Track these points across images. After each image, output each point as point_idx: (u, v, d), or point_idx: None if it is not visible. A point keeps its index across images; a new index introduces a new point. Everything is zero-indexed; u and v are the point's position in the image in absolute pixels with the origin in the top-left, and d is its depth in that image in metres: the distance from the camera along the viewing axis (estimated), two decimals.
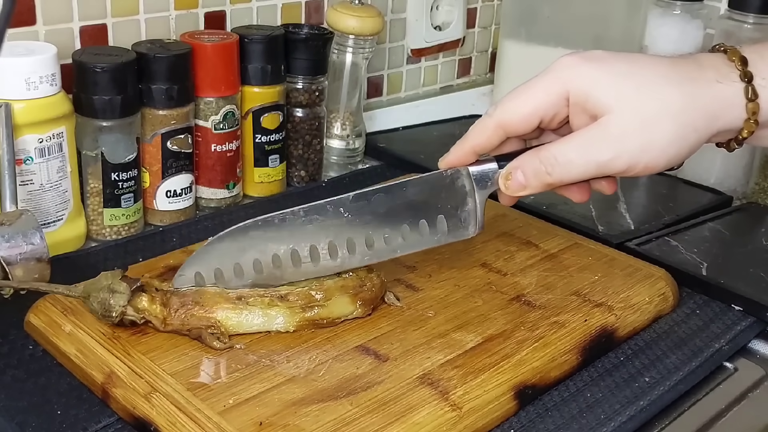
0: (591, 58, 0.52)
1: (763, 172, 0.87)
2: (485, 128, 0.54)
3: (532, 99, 0.53)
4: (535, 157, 0.53)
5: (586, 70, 0.51)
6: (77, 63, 0.70)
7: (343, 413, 0.50)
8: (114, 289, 0.55)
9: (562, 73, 0.52)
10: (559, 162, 0.52)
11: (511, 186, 0.55)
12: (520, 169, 0.54)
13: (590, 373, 0.58)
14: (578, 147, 0.52)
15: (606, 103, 0.51)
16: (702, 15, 0.92)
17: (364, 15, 0.88)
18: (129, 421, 0.51)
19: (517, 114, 0.53)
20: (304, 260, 0.57)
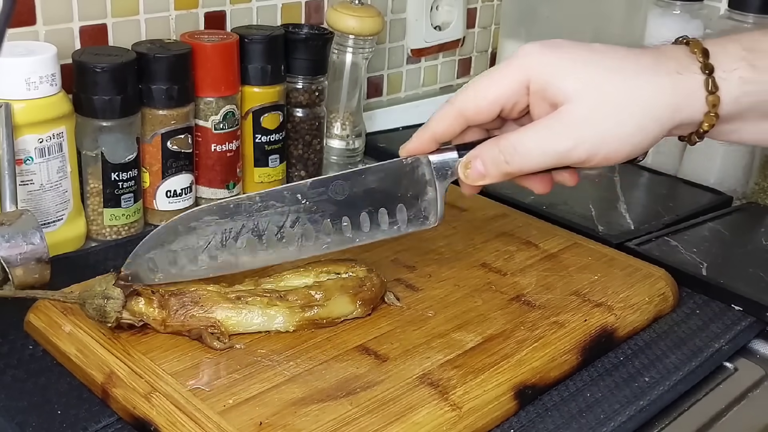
0: (552, 46, 0.52)
1: (763, 172, 0.87)
2: (446, 116, 0.54)
3: (493, 87, 0.52)
4: (494, 146, 0.53)
5: (547, 58, 0.51)
6: (77, 63, 0.70)
7: (343, 413, 0.50)
8: (108, 295, 0.55)
9: (523, 61, 0.51)
10: (518, 151, 0.52)
11: (471, 175, 0.55)
12: (480, 158, 0.54)
13: (590, 373, 0.58)
14: (537, 136, 0.51)
15: (565, 91, 0.50)
16: (702, 15, 0.92)
17: (364, 15, 0.88)
18: (129, 421, 0.51)
19: (477, 102, 0.53)
20: (260, 247, 0.57)
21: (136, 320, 0.56)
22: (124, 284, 0.56)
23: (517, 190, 0.87)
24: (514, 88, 0.52)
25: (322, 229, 0.57)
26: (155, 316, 0.55)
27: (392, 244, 0.71)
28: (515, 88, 0.52)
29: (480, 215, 0.78)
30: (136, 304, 0.55)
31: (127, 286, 0.55)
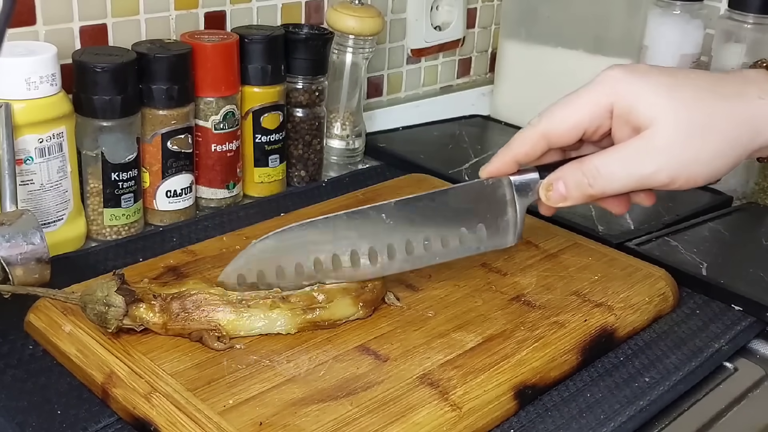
0: (635, 71, 0.52)
1: (763, 172, 0.87)
2: (529, 138, 0.55)
3: (578, 111, 0.53)
4: (577, 168, 0.53)
5: (631, 83, 0.52)
6: (77, 63, 0.70)
7: (343, 413, 0.50)
8: (110, 302, 0.55)
9: (607, 86, 0.52)
10: (602, 174, 0.52)
11: (552, 197, 0.55)
12: (562, 180, 0.54)
13: (590, 373, 0.58)
14: (621, 159, 0.52)
15: (649, 116, 0.51)
16: (702, 15, 0.92)
17: (364, 15, 0.88)
18: (129, 421, 0.51)
19: (563, 125, 0.53)
20: (344, 264, 0.58)
21: (136, 325, 0.56)
22: (126, 291, 0.55)
23: None
24: (599, 112, 0.52)
25: (404, 248, 0.58)
26: (156, 320, 0.55)
27: None
28: (599, 112, 0.52)
29: None
30: (137, 310, 0.55)
31: (128, 293, 0.55)
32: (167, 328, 0.56)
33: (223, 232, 0.73)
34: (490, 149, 1.01)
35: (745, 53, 0.88)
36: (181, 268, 0.66)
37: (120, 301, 0.55)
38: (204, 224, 0.77)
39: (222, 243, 0.70)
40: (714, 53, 0.91)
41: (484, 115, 1.13)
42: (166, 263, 0.66)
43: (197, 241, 0.71)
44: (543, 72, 1.06)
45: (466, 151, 0.98)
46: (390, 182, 0.85)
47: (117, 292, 0.55)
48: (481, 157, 0.96)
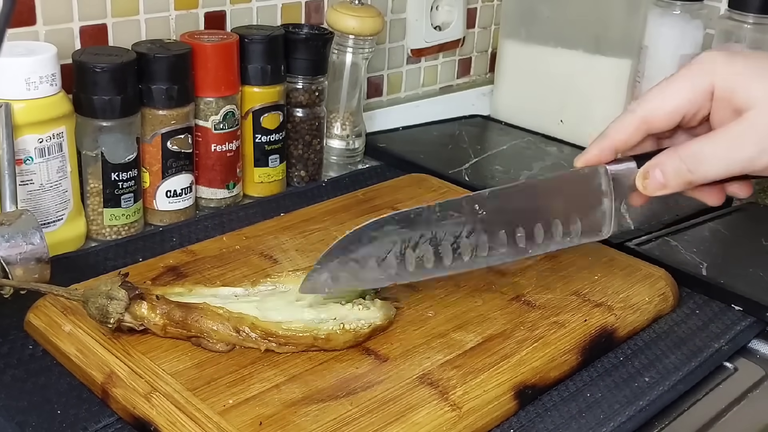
0: (735, 54, 0.51)
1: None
2: (628, 125, 0.53)
3: (678, 93, 0.51)
4: (675, 155, 0.52)
5: (732, 65, 0.50)
6: (77, 63, 0.70)
7: (343, 413, 0.50)
8: (112, 295, 0.55)
9: (707, 67, 0.51)
10: (701, 160, 0.51)
11: (650, 185, 0.53)
12: (659, 168, 0.53)
13: (590, 373, 0.58)
14: (722, 143, 0.50)
15: (752, 96, 0.49)
16: (702, 15, 0.92)
17: (364, 15, 0.88)
18: (129, 421, 0.51)
19: (663, 109, 0.52)
20: (435, 257, 0.56)
21: (136, 324, 0.55)
22: (131, 286, 0.55)
23: None
24: (700, 94, 0.51)
25: (497, 240, 0.56)
26: (156, 321, 0.55)
27: None
28: (700, 95, 0.51)
29: None
30: (139, 307, 0.55)
31: (132, 289, 0.55)
32: (166, 331, 0.56)
33: (223, 232, 0.73)
34: (490, 149, 1.01)
35: None
36: (180, 268, 0.66)
37: (123, 295, 0.55)
38: (204, 224, 0.77)
39: (222, 243, 0.70)
40: None
41: (484, 115, 1.13)
42: (166, 263, 0.66)
43: (197, 241, 0.71)
44: (543, 72, 1.06)
45: (466, 151, 0.98)
46: (390, 182, 0.85)
47: (121, 286, 0.55)
48: (481, 157, 0.96)
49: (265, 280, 0.61)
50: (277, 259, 0.68)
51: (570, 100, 1.03)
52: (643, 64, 0.94)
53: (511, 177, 0.91)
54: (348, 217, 0.76)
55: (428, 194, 0.82)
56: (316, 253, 0.68)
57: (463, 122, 1.09)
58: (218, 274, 0.65)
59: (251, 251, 0.69)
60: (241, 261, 0.67)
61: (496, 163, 0.96)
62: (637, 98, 0.55)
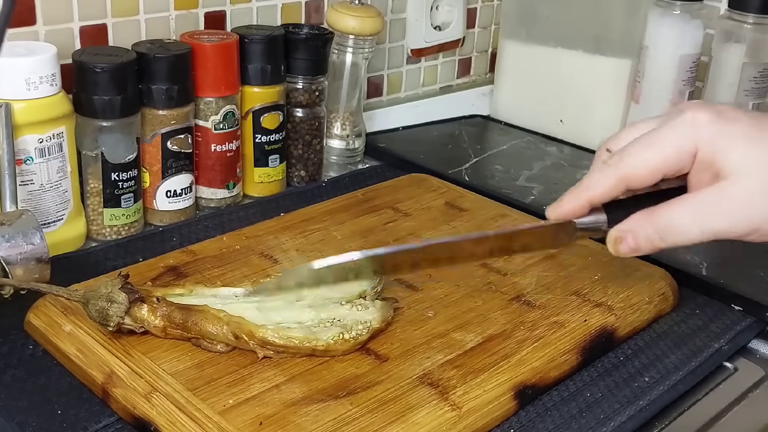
0: (723, 116, 0.50)
1: None
2: (606, 181, 0.51)
3: (660, 153, 0.50)
4: (647, 222, 0.51)
5: (719, 129, 0.49)
6: (77, 63, 0.70)
7: (343, 413, 0.50)
8: (112, 299, 0.55)
9: (692, 129, 0.49)
10: (674, 229, 0.50)
11: (622, 250, 0.52)
12: (632, 234, 0.52)
13: (590, 373, 0.58)
14: (695, 213, 0.49)
15: (731, 166, 0.48)
16: (702, 15, 0.92)
17: (364, 15, 0.88)
18: (129, 421, 0.51)
19: (644, 169, 0.50)
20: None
21: (137, 326, 0.55)
22: (130, 289, 0.55)
23: (517, 189, 0.87)
24: (682, 155, 0.50)
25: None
26: (157, 324, 0.55)
27: (392, 245, 0.71)
28: (683, 156, 0.50)
29: (480, 215, 0.78)
30: (139, 310, 0.55)
31: (132, 292, 0.55)
32: (166, 332, 0.56)
33: (223, 232, 0.73)
34: (490, 149, 1.01)
35: (745, 53, 0.88)
36: (181, 268, 0.66)
37: (123, 298, 0.55)
38: (204, 224, 0.77)
39: (222, 243, 0.70)
40: (714, 53, 0.91)
41: (484, 115, 1.13)
42: (166, 263, 0.66)
43: (197, 241, 0.71)
44: (543, 72, 1.06)
45: (466, 151, 0.98)
46: (390, 182, 0.85)
47: (121, 289, 0.55)
48: (481, 157, 0.96)
49: (265, 280, 0.61)
50: (277, 259, 0.68)
51: (570, 100, 1.03)
52: (643, 64, 0.94)
53: (511, 177, 0.91)
54: (348, 217, 0.76)
55: (428, 194, 0.82)
56: (316, 253, 0.69)
57: (463, 122, 1.09)
58: (218, 274, 0.65)
59: (251, 251, 0.69)
60: (241, 261, 0.67)
61: (496, 163, 0.96)
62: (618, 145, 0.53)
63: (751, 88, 0.89)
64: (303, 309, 0.58)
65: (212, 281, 0.63)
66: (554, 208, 0.54)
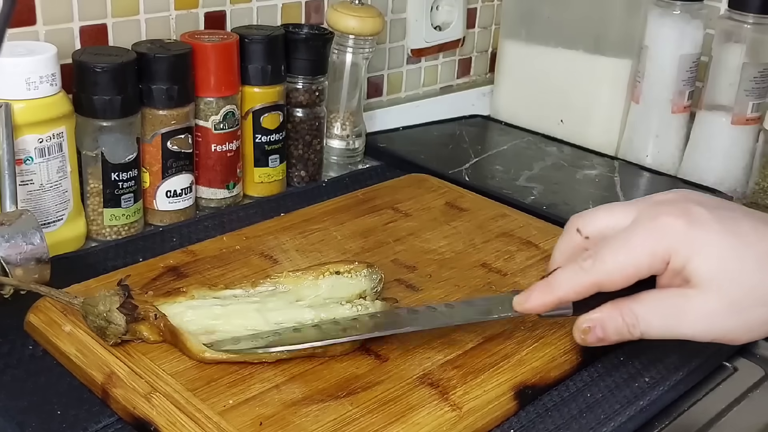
0: (697, 225, 0.49)
1: (763, 172, 0.87)
2: (579, 285, 0.51)
3: (634, 260, 0.50)
4: (617, 313, 0.51)
5: (693, 239, 0.49)
6: (77, 63, 0.70)
7: (343, 413, 0.50)
8: (111, 319, 0.54)
9: (667, 237, 0.49)
10: (643, 324, 0.51)
11: (589, 339, 0.52)
12: (600, 325, 0.52)
13: (590, 373, 0.58)
14: (660, 315, 0.51)
15: (703, 277, 0.49)
16: (702, 15, 0.92)
17: (364, 15, 0.88)
18: (129, 421, 0.51)
19: (618, 275, 0.50)
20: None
21: (135, 339, 0.56)
22: (128, 308, 0.55)
23: (517, 189, 0.87)
24: (656, 262, 0.50)
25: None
26: (156, 339, 0.56)
27: (392, 245, 0.71)
28: (656, 263, 0.50)
29: (480, 215, 0.78)
30: (137, 327, 0.55)
31: (130, 311, 0.55)
32: (164, 342, 0.56)
33: (223, 232, 0.73)
34: (490, 149, 1.01)
35: (745, 53, 0.88)
36: (181, 268, 0.66)
37: (120, 320, 0.54)
38: (204, 224, 0.77)
39: (222, 243, 0.70)
40: (714, 53, 0.91)
41: (484, 115, 1.13)
42: (166, 263, 0.66)
43: (197, 241, 0.71)
44: (543, 72, 1.06)
45: (466, 151, 0.98)
46: (390, 182, 0.85)
47: (119, 309, 0.55)
48: (481, 157, 0.96)
49: (265, 280, 0.61)
50: (277, 260, 0.68)
51: (570, 100, 1.03)
52: (643, 64, 0.94)
53: (512, 177, 0.91)
54: (348, 217, 0.76)
55: (428, 194, 0.82)
56: (316, 253, 0.69)
57: (463, 122, 1.09)
58: (218, 274, 0.65)
59: (251, 251, 0.69)
60: (241, 261, 0.67)
61: (496, 163, 0.96)
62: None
63: (751, 88, 0.89)
64: (303, 309, 0.58)
65: (212, 281, 0.63)
66: (522, 301, 0.53)
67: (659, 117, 0.95)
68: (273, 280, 0.60)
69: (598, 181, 0.92)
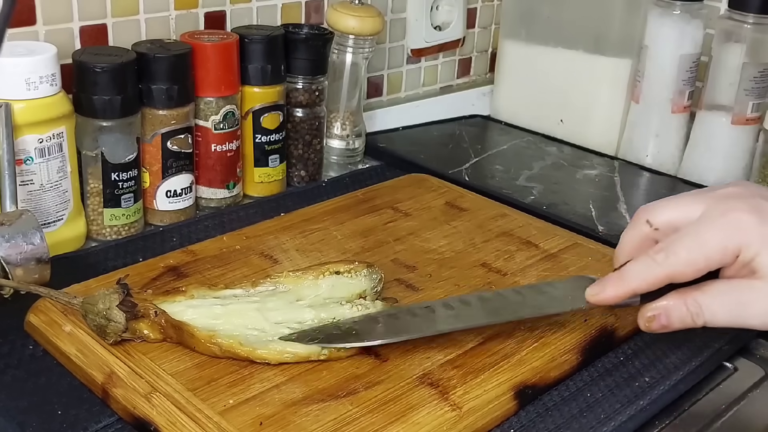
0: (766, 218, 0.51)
1: (762, 172, 0.87)
2: (654, 276, 0.52)
3: (707, 254, 0.51)
4: (681, 303, 0.52)
5: (763, 233, 0.51)
6: (77, 63, 0.70)
7: (344, 413, 0.50)
8: (110, 317, 0.54)
9: (738, 232, 0.51)
10: (706, 314, 0.52)
11: (653, 327, 0.54)
12: (665, 314, 0.53)
13: (590, 373, 0.58)
14: (726, 305, 0.52)
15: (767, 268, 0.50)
16: (702, 15, 0.92)
17: (364, 15, 0.88)
18: (129, 421, 0.51)
19: (690, 269, 0.52)
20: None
21: (135, 337, 0.56)
22: (128, 306, 0.55)
23: (517, 189, 0.87)
24: (726, 258, 0.51)
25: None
26: (157, 336, 0.56)
27: (392, 244, 0.71)
28: (727, 257, 0.51)
29: (480, 215, 0.78)
30: (137, 324, 0.55)
31: (130, 309, 0.55)
32: (164, 341, 0.56)
33: (223, 232, 0.73)
34: (490, 149, 1.01)
35: (745, 53, 0.88)
36: (181, 268, 0.66)
37: (120, 317, 0.54)
38: (204, 224, 0.77)
39: (222, 243, 0.70)
40: (714, 53, 0.91)
41: (484, 115, 1.13)
42: (166, 263, 0.66)
43: (197, 241, 0.71)
44: (543, 72, 1.06)
45: (466, 151, 0.98)
46: (390, 182, 0.85)
47: (119, 306, 0.55)
48: (481, 157, 0.96)
49: (265, 280, 0.61)
50: (277, 259, 0.68)
51: (570, 100, 1.03)
52: (643, 64, 0.94)
53: (512, 177, 0.91)
54: (348, 217, 0.76)
55: (428, 194, 0.82)
56: (317, 253, 0.69)
57: (463, 122, 1.09)
58: (218, 274, 0.65)
59: (251, 251, 0.69)
60: (241, 261, 0.67)
61: (496, 163, 0.96)
62: (650, 209, 0.55)
63: (751, 88, 0.89)
64: (303, 309, 0.58)
65: (212, 281, 0.63)
66: (595, 293, 0.55)
67: (659, 117, 0.95)
68: (273, 280, 0.60)
69: (598, 180, 0.92)
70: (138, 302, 0.56)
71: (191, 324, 0.55)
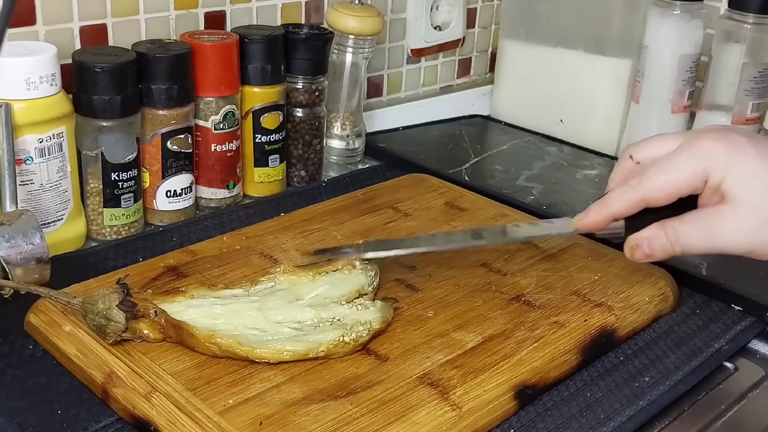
0: (735, 146, 0.54)
1: None
2: (629, 200, 0.57)
3: (676, 178, 0.55)
4: (661, 232, 0.56)
5: (729, 159, 0.54)
6: (77, 63, 0.70)
7: (343, 413, 0.50)
8: (110, 317, 0.54)
9: (706, 158, 0.54)
10: (684, 240, 0.56)
11: (637, 255, 0.58)
12: (647, 243, 0.57)
13: (590, 373, 0.58)
14: (699, 231, 0.55)
15: (734, 192, 0.53)
16: (702, 15, 0.92)
17: (364, 15, 0.88)
18: (129, 421, 0.51)
19: (662, 191, 0.56)
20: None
21: (135, 337, 0.56)
22: (128, 306, 0.55)
23: (517, 189, 0.87)
24: (695, 180, 0.55)
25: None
26: (157, 336, 0.56)
27: None
28: (696, 181, 0.55)
29: (480, 215, 0.78)
30: (137, 324, 0.55)
31: (130, 309, 0.55)
32: (165, 340, 0.56)
33: (223, 231, 0.73)
34: (490, 149, 1.01)
35: (745, 53, 0.88)
36: (181, 268, 0.66)
37: (120, 317, 0.54)
38: (204, 224, 0.77)
39: (222, 243, 0.70)
40: (714, 53, 0.91)
41: (484, 115, 1.13)
42: (166, 263, 0.66)
43: (197, 241, 0.71)
44: (543, 72, 1.06)
45: (466, 151, 0.98)
46: (390, 182, 0.85)
47: (118, 306, 0.55)
48: (481, 157, 0.96)
49: (263, 279, 0.61)
50: (277, 259, 0.68)
51: (570, 100, 1.03)
52: (643, 64, 0.94)
53: (511, 177, 0.91)
54: (348, 217, 0.76)
55: (428, 194, 0.82)
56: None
57: (463, 122, 1.09)
58: (218, 274, 0.65)
59: (251, 251, 0.69)
60: (241, 261, 0.67)
61: (496, 163, 0.96)
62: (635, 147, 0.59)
63: (751, 88, 0.89)
64: (303, 308, 0.58)
65: (212, 281, 0.63)
66: (581, 218, 0.60)
67: (659, 117, 0.95)
68: (270, 277, 0.61)
69: (598, 180, 0.92)
70: (138, 302, 0.56)
71: (191, 324, 0.55)
